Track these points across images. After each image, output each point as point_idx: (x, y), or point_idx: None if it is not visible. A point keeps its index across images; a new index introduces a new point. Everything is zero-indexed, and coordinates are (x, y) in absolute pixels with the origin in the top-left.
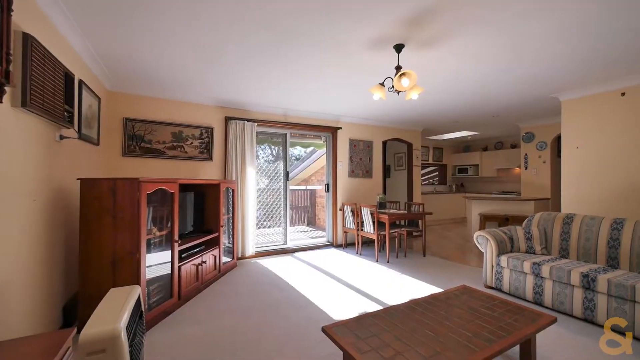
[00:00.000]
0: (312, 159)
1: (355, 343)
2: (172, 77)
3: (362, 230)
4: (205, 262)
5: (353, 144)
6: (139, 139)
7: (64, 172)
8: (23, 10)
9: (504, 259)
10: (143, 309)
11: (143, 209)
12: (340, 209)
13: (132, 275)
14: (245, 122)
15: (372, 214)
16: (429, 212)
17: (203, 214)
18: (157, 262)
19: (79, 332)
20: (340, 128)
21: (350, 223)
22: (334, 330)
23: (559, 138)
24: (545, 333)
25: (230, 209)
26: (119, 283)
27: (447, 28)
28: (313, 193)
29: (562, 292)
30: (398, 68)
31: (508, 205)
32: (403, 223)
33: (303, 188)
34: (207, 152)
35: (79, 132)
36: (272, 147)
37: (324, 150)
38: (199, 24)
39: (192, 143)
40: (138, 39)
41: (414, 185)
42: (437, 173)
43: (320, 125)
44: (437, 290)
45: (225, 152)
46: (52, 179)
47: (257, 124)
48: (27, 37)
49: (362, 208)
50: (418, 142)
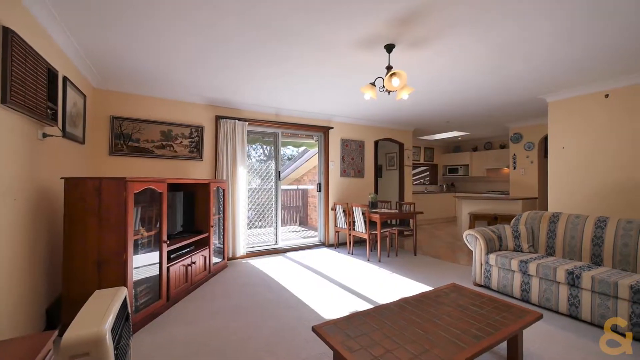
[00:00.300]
0: (304, 159)
1: (345, 342)
2: (160, 75)
3: (353, 230)
4: (195, 262)
5: (345, 144)
6: (127, 138)
7: (47, 171)
8: (3, 5)
9: (493, 257)
10: (130, 311)
11: (130, 209)
12: (332, 209)
13: (118, 277)
14: (237, 121)
15: (363, 214)
16: (420, 211)
17: (193, 214)
18: (145, 263)
19: (62, 335)
20: (332, 128)
21: (342, 223)
22: (324, 330)
23: (546, 139)
24: (532, 329)
25: (221, 209)
26: (105, 285)
27: (436, 29)
28: (305, 193)
29: (548, 289)
30: (389, 68)
31: (497, 205)
32: (394, 222)
33: (295, 188)
34: (197, 151)
35: (63, 130)
36: (264, 146)
37: (316, 150)
38: (188, 23)
39: (181, 142)
40: (125, 37)
41: (406, 185)
42: (428, 173)
43: (312, 125)
44: (427, 289)
45: (216, 151)
46: (34, 178)
47: (248, 123)
48: (7, 31)
49: (353, 208)
50: (409, 142)
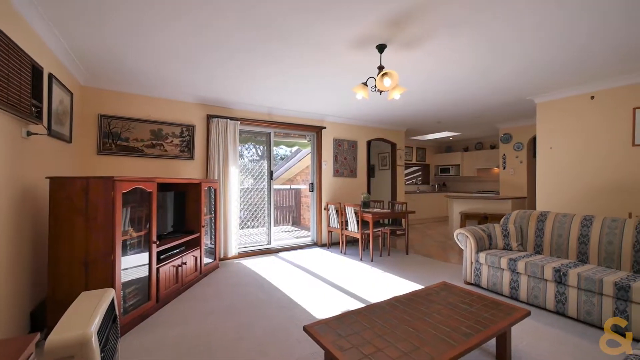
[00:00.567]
0: (296, 159)
1: (336, 341)
2: (150, 73)
3: (346, 230)
4: (186, 263)
5: (337, 144)
6: (116, 137)
7: (32, 170)
8: None
9: (483, 256)
10: (117, 313)
11: (118, 209)
12: (325, 209)
13: (106, 278)
14: (228, 120)
15: (356, 213)
16: (412, 211)
17: (183, 214)
18: (134, 264)
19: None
20: (325, 127)
21: (335, 222)
22: (316, 329)
23: (535, 139)
24: (521, 326)
25: (213, 209)
26: (92, 286)
27: (427, 29)
28: (298, 193)
29: (536, 286)
30: (380, 68)
31: (487, 204)
32: (386, 222)
33: (288, 187)
34: (188, 150)
35: (49, 128)
36: (256, 146)
37: (309, 150)
38: (179, 21)
39: (172, 141)
40: (114, 34)
41: (398, 185)
42: (420, 173)
43: (305, 125)
44: (418, 287)
45: (207, 150)
46: (18, 177)
47: (240, 123)
48: None
49: (346, 207)
50: (402, 142)
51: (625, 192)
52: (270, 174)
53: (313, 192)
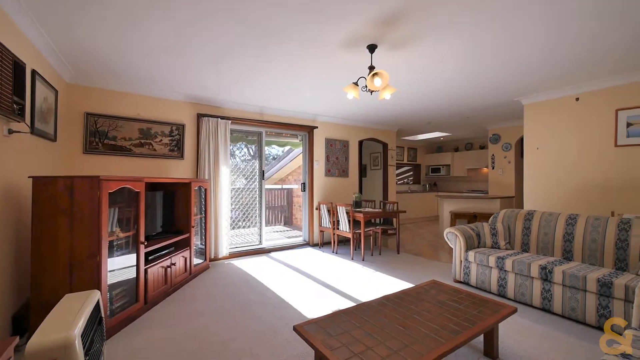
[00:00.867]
0: (288, 158)
1: (326, 340)
2: (139, 71)
3: (338, 229)
4: (175, 264)
5: (329, 144)
6: (103, 136)
7: (14, 169)
8: None
9: (472, 254)
10: (103, 315)
11: (104, 210)
12: (317, 208)
13: (91, 280)
14: (219, 119)
15: (347, 213)
16: (403, 210)
17: (173, 215)
18: (121, 265)
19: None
20: (317, 127)
21: (327, 222)
22: (305, 329)
23: (522, 140)
24: (508, 323)
25: (203, 209)
26: (78, 288)
27: (417, 30)
28: (290, 192)
29: (523, 284)
30: (371, 68)
31: (477, 203)
32: (378, 221)
33: (280, 187)
34: (177, 149)
35: (32, 126)
36: (248, 146)
37: (301, 150)
38: (169, 17)
39: (161, 140)
40: (100, 30)
41: (389, 185)
42: (411, 173)
43: (297, 124)
44: (409, 286)
45: (198, 150)
46: None
47: (231, 122)
48: None
49: (337, 207)
50: (393, 142)
51: (608, 191)
52: (262, 174)
53: (305, 191)
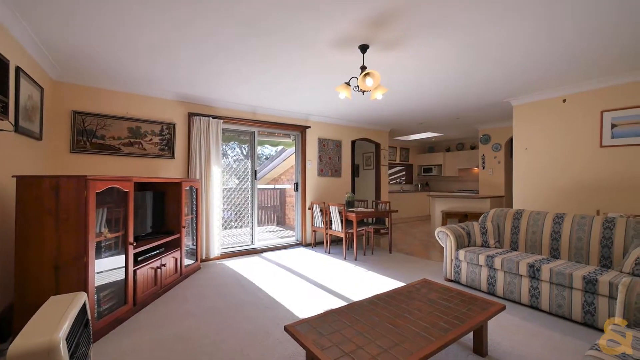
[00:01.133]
0: (281, 158)
1: (317, 340)
2: (128, 69)
3: (330, 229)
4: (165, 265)
5: (322, 143)
6: (90, 134)
7: None
8: None
9: (462, 253)
10: (90, 317)
11: (91, 210)
12: (309, 208)
13: (78, 282)
14: (211, 118)
15: (340, 213)
16: (395, 210)
17: (163, 215)
18: (110, 266)
19: None
20: (309, 127)
21: (319, 222)
22: (296, 329)
23: (512, 140)
24: (497, 320)
25: (194, 209)
26: (64, 290)
27: (408, 30)
28: (283, 192)
29: (512, 281)
30: (363, 68)
31: (467, 203)
32: (370, 221)
33: (272, 187)
34: (168, 149)
35: (16, 124)
36: (241, 145)
37: (293, 149)
38: (160, 14)
39: (151, 139)
40: (88, 26)
41: (382, 184)
42: (404, 172)
43: (289, 124)
44: (400, 285)
45: (189, 149)
46: None
47: (223, 121)
48: None
49: (330, 207)
50: (386, 142)
51: (594, 190)
52: (254, 174)
53: (297, 191)
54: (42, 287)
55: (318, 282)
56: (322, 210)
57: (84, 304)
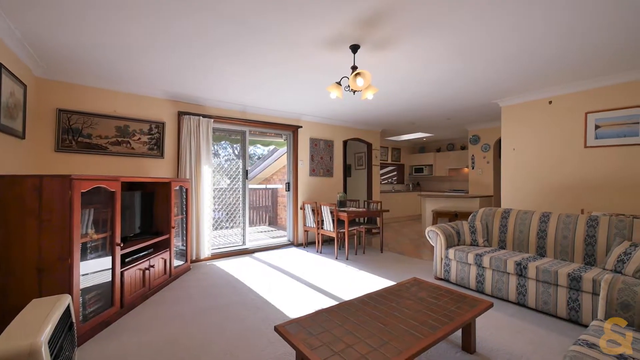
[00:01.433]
0: (273, 158)
1: (307, 340)
2: (116, 66)
3: (322, 229)
4: (154, 266)
5: (314, 143)
6: (76, 133)
7: None
8: None
9: (452, 252)
10: (74, 320)
11: (76, 210)
12: (301, 208)
13: (62, 284)
14: (201, 117)
15: (332, 213)
16: (386, 209)
17: (152, 215)
18: (96, 268)
19: None
20: (301, 127)
21: (311, 222)
22: (286, 329)
23: (500, 141)
24: (485, 318)
25: (184, 209)
26: (47, 293)
27: (399, 30)
28: (274, 192)
29: (500, 279)
30: (354, 68)
31: (457, 202)
32: (362, 221)
33: (264, 187)
34: (157, 148)
35: None
36: (233, 145)
37: (285, 149)
38: (149, 12)
39: (139, 139)
40: (73, 21)
41: (373, 184)
42: (395, 172)
43: (281, 124)
44: (391, 284)
45: (179, 149)
46: None
47: (213, 120)
48: None
49: (322, 207)
50: (377, 142)
51: (579, 189)
52: (245, 174)
53: (289, 191)
54: (24, 289)
55: (309, 282)
56: (313, 210)
57: (68, 307)
